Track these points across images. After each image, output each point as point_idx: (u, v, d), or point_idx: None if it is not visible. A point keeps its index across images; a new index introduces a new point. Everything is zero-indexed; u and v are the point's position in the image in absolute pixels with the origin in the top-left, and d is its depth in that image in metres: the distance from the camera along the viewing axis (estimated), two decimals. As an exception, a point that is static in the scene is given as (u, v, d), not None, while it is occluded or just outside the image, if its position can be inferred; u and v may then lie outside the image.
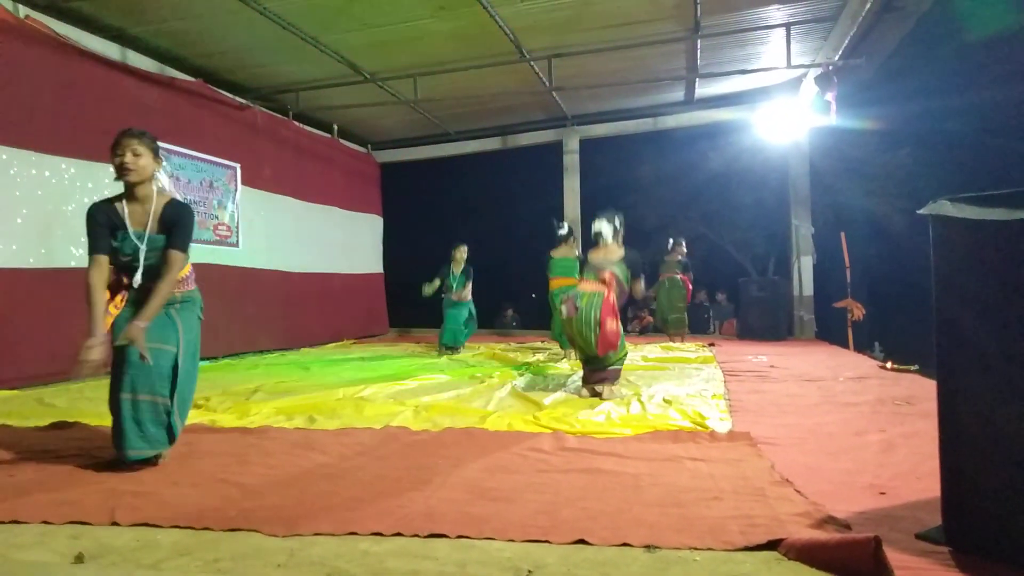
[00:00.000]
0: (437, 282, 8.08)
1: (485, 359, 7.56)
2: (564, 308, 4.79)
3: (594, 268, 4.98)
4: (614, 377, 4.93)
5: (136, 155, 2.90)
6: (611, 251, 5.06)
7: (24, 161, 5.74)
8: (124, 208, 2.95)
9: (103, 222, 2.92)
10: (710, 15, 7.28)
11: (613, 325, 4.68)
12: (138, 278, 2.93)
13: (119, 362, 2.87)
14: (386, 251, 12.51)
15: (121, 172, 2.90)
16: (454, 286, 8.14)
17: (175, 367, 2.92)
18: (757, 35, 8.00)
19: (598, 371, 4.88)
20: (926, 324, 2.03)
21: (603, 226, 5.07)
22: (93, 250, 2.91)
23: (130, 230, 2.92)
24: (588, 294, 4.76)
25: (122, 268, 2.98)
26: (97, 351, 2.73)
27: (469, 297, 8.31)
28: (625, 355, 5.01)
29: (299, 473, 2.87)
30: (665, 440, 3.41)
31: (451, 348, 8.24)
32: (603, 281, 4.81)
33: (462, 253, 8.23)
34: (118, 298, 2.97)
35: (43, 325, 5.78)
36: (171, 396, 2.91)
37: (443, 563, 1.92)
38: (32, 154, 5.80)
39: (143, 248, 2.92)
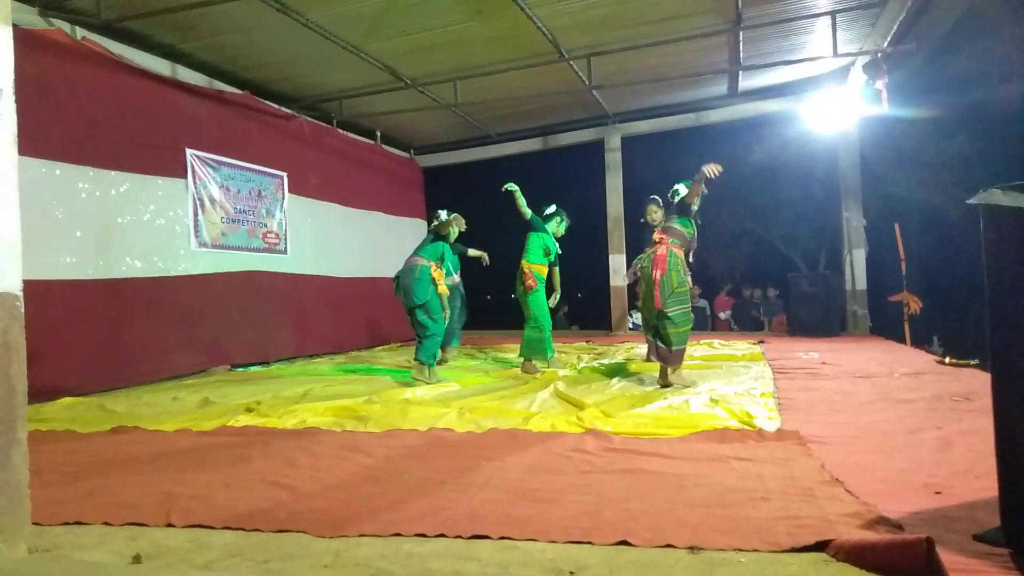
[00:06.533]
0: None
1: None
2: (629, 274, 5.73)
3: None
4: (677, 359, 5.08)
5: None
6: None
7: (83, 177, 5.98)
8: None
9: None
10: (752, 6, 7.14)
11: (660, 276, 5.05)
12: None
13: None
14: (430, 255, 12.60)
15: None
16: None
17: None
18: (801, 24, 7.81)
19: (661, 349, 5.14)
20: (986, 317, 1.95)
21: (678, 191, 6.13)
22: None
23: None
24: (646, 255, 5.34)
25: None
26: None
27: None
28: (686, 331, 5.11)
29: (345, 475, 2.93)
30: (711, 440, 3.36)
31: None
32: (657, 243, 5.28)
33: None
34: None
35: (102, 333, 6.02)
36: None
37: (486, 564, 1.93)
38: (90, 169, 6.03)
39: None
